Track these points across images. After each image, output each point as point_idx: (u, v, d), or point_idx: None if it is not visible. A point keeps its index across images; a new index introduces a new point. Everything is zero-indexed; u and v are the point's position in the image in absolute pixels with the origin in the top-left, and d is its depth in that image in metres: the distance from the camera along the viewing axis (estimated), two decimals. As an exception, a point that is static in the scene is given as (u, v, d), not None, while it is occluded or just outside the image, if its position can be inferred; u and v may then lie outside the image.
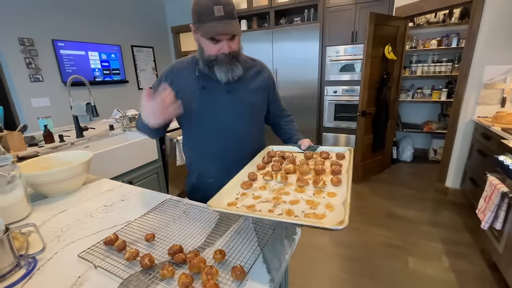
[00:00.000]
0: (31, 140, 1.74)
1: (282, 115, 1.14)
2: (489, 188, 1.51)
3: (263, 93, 1.03)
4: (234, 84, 0.94)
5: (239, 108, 0.97)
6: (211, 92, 0.93)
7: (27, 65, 3.04)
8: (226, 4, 0.79)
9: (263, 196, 0.71)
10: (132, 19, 4.24)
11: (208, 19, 0.79)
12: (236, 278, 0.55)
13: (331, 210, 0.61)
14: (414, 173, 3.17)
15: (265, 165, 0.91)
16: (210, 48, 0.85)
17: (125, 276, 0.57)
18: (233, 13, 0.82)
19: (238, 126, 0.98)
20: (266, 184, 0.78)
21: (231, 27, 0.81)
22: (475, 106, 2.24)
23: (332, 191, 0.70)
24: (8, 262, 0.59)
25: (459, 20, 3.03)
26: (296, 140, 1.02)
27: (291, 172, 0.82)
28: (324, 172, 0.79)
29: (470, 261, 1.72)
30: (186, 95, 0.92)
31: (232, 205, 0.69)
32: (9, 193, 0.82)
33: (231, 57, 0.87)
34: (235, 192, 0.74)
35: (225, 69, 0.87)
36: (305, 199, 0.68)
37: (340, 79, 3.43)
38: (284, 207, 0.64)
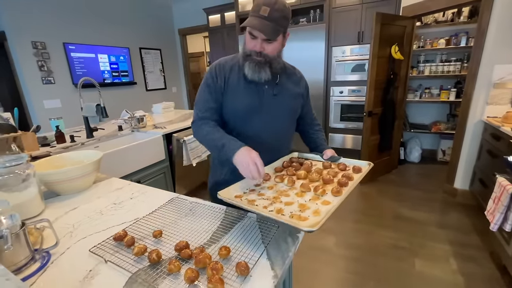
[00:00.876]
0: (44, 141, 1.80)
1: (312, 124, 1.19)
2: (498, 189, 1.48)
3: (301, 100, 1.09)
4: (279, 88, 1.00)
5: (282, 111, 1.02)
6: (258, 94, 0.97)
7: (39, 68, 3.14)
8: (275, 9, 0.83)
9: (266, 195, 0.78)
10: (140, 22, 4.32)
11: (253, 14, 0.85)
12: (240, 274, 0.56)
13: (316, 215, 0.65)
14: (422, 174, 3.12)
15: (282, 168, 0.97)
16: (248, 41, 0.90)
17: (133, 270, 0.60)
18: (277, 19, 0.84)
19: (279, 127, 1.03)
20: (274, 185, 0.85)
21: (266, 28, 0.83)
22: (485, 106, 2.20)
23: (328, 199, 0.73)
24: (24, 255, 0.62)
25: (468, 18, 2.98)
26: (321, 150, 1.07)
27: (302, 178, 0.87)
28: (332, 182, 0.82)
29: (479, 263, 1.69)
30: (237, 94, 0.96)
31: (238, 197, 0.77)
32: (24, 191, 0.86)
33: (263, 60, 0.90)
34: (246, 187, 0.83)
35: (253, 68, 0.90)
36: (300, 202, 0.73)
37: (346, 79, 3.42)
38: (277, 206, 0.71)
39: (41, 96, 3.21)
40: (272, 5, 0.82)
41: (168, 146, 2.20)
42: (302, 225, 0.59)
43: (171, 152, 2.22)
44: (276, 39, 0.88)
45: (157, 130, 2.18)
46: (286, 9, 0.86)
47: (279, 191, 0.80)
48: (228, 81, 0.96)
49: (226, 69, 0.97)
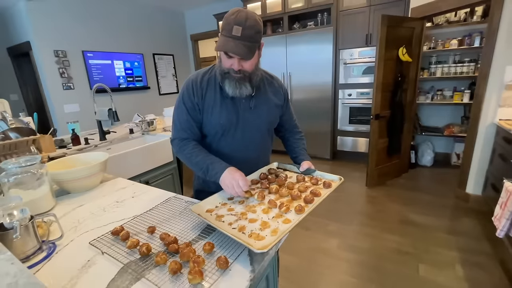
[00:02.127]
0: (61, 143, 1.94)
1: (293, 131, 1.20)
2: (505, 194, 1.43)
3: (279, 110, 1.10)
4: (256, 101, 1.00)
5: (260, 123, 1.03)
6: (234, 108, 0.98)
7: (60, 75, 3.35)
8: (247, 27, 0.81)
9: (235, 210, 0.83)
10: (154, 28, 4.51)
11: (226, 35, 0.83)
12: (220, 267, 0.61)
13: (273, 234, 0.69)
14: (433, 179, 3.03)
15: (259, 180, 1.01)
16: (224, 60, 0.90)
17: (125, 261, 0.66)
18: (252, 37, 0.83)
19: (257, 138, 1.06)
20: (245, 199, 0.88)
21: (240, 49, 0.82)
22: (497, 108, 2.13)
23: (289, 217, 0.76)
24: (32, 245, 0.70)
25: (481, 18, 2.88)
26: (300, 161, 1.09)
27: (273, 192, 0.91)
28: (299, 198, 0.86)
29: (487, 271, 1.63)
30: (214, 109, 0.97)
31: (210, 211, 0.82)
32: (37, 188, 0.95)
33: (243, 76, 0.90)
34: (218, 202, 0.88)
35: (234, 85, 0.91)
36: (263, 220, 0.76)
37: (354, 82, 3.40)
38: (241, 223, 0.75)
39: (62, 101, 3.42)
40: (243, 23, 0.81)
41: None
42: (255, 246, 0.63)
43: (179, 154, 2.30)
44: (250, 58, 0.87)
45: (165, 133, 2.27)
46: (257, 24, 0.84)
47: (248, 206, 0.84)
48: (205, 97, 0.96)
49: (203, 84, 0.96)
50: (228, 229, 0.72)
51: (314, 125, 3.71)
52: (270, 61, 3.81)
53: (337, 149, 3.76)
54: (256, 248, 0.62)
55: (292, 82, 3.75)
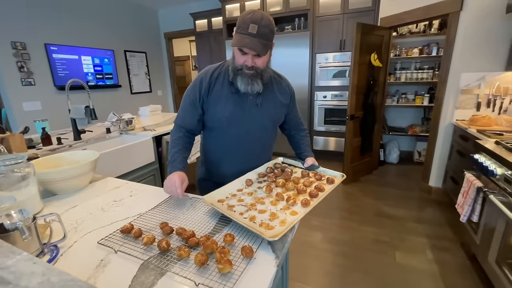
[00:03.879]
0: (29, 143, 1.76)
1: (298, 129, 1.25)
2: (466, 184, 1.64)
3: (285, 108, 1.14)
4: (263, 98, 1.04)
5: (265, 120, 1.07)
6: (242, 103, 1.02)
7: (19, 69, 3.03)
8: (263, 26, 0.86)
9: (245, 201, 0.86)
10: (125, 24, 4.28)
11: (242, 32, 0.88)
12: (246, 256, 0.62)
13: (282, 225, 0.73)
14: (400, 174, 3.32)
15: (265, 174, 1.05)
16: (238, 57, 0.94)
17: (144, 258, 0.64)
18: (267, 36, 0.89)
19: (262, 134, 1.10)
20: (254, 191, 0.92)
21: (256, 45, 0.87)
22: (454, 110, 2.42)
23: (296, 210, 0.80)
24: (34, 248, 0.65)
25: (438, 30, 3.25)
26: (304, 157, 1.15)
27: (280, 186, 0.95)
28: (304, 192, 0.90)
29: (451, 253, 1.84)
30: (220, 102, 1.01)
31: (221, 201, 0.85)
32: (23, 189, 0.86)
33: (255, 73, 0.95)
34: (228, 192, 0.91)
35: (246, 81, 0.95)
36: (272, 211, 0.80)
37: (329, 84, 3.58)
38: (252, 214, 0.78)
39: (20, 98, 3.09)
40: (259, 22, 0.86)
41: (157, 149, 2.21)
42: (266, 234, 0.67)
43: (161, 154, 2.23)
44: (265, 54, 0.93)
45: (146, 132, 2.18)
46: (271, 24, 0.90)
47: (257, 198, 0.88)
48: (212, 89, 1.01)
49: (212, 79, 1.01)
50: (240, 218, 0.75)
51: (292, 126, 3.82)
52: (249, 62, 3.85)
53: (313, 148, 3.92)
54: (268, 236, 0.66)
55: (271, 83, 3.83)
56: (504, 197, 1.34)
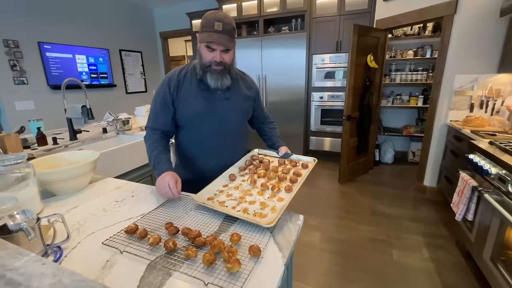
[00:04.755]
0: (24, 143, 1.72)
1: (266, 122, 1.34)
2: (461, 183, 1.68)
3: (252, 102, 1.21)
4: (231, 92, 1.10)
5: (235, 113, 1.13)
6: (211, 98, 1.06)
7: (11, 67, 2.96)
8: (227, 23, 0.93)
9: (234, 195, 0.90)
10: (120, 23, 4.24)
11: (208, 30, 0.93)
12: (253, 255, 0.62)
13: (273, 211, 0.79)
14: (395, 174, 3.37)
15: (246, 167, 1.10)
16: (206, 54, 0.98)
17: (151, 258, 0.63)
18: (231, 32, 0.95)
19: (233, 127, 1.15)
20: (240, 185, 0.97)
21: (224, 40, 0.94)
22: (448, 111, 2.47)
23: (282, 196, 0.87)
24: (38, 249, 0.63)
25: (432, 33, 3.31)
26: (277, 147, 1.24)
27: (262, 176, 1.01)
28: (285, 179, 0.98)
29: (447, 251, 1.88)
30: (190, 99, 1.05)
31: (210, 199, 0.88)
32: (23, 190, 0.85)
33: (223, 68, 1.00)
34: (215, 189, 0.94)
35: (216, 77, 1.00)
36: (261, 201, 0.86)
37: (325, 85, 3.61)
38: (243, 206, 0.83)
39: (12, 97, 3.02)
40: (223, 19, 0.92)
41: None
42: (263, 222, 0.72)
43: (159, 154, 2.21)
44: (232, 48, 0.99)
45: (143, 132, 2.15)
46: (233, 22, 0.97)
47: (244, 190, 0.92)
48: (181, 89, 1.04)
49: (180, 77, 1.05)
50: (233, 212, 0.79)
51: (288, 127, 3.85)
52: (246, 63, 3.86)
53: (309, 148, 3.94)
54: (265, 223, 0.71)
55: (268, 84, 3.85)
56: (499, 196, 1.38)
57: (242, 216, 0.75)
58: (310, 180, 3.22)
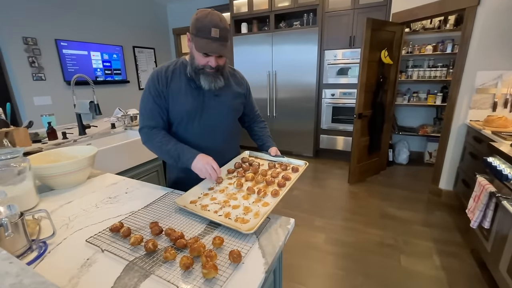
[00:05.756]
0: (35, 137, 1.79)
1: (256, 121, 1.31)
2: (478, 188, 1.56)
3: (242, 98, 1.18)
4: (220, 90, 1.06)
5: (225, 109, 1.10)
6: (201, 95, 1.04)
7: (30, 64, 3.09)
8: (223, 29, 0.90)
9: (218, 199, 0.87)
10: (134, 20, 4.30)
11: (204, 37, 0.89)
12: (233, 261, 0.60)
13: (256, 217, 0.75)
14: (409, 175, 3.22)
15: (234, 170, 1.07)
16: (200, 59, 0.95)
17: (130, 258, 0.62)
18: (227, 37, 0.92)
19: (223, 124, 1.12)
20: (226, 188, 0.94)
21: (223, 49, 0.92)
22: (468, 110, 2.31)
23: (267, 201, 0.83)
24: (21, 245, 0.64)
25: (454, 26, 3.10)
26: (267, 147, 1.20)
27: (250, 179, 0.97)
28: (273, 183, 0.93)
29: (460, 260, 1.77)
30: (179, 97, 1.02)
31: (193, 202, 0.85)
32: (19, 184, 0.87)
33: (216, 71, 0.98)
34: (200, 192, 0.91)
35: (209, 80, 0.98)
36: (245, 205, 0.82)
37: (337, 82, 3.50)
38: (226, 210, 0.80)
39: (31, 93, 3.15)
40: (218, 25, 0.88)
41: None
42: (243, 228, 0.69)
43: (164, 150, 2.22)
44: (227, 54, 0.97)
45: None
46: (227, 23, 0.93)
47: (229, 194, 0.89)
48: (170, 85, 1.01)
49: (168, 74, 1.01)
50: (215, 216, 0.76)
51: (298, 124, 3.77)
52: (256, 59, 3.81)
53: (320, 147, 3.85)
54: (244, 230, 0.68)
55: (278, 81, 3.78)
56: (519, 204, 1.27)
57: (222, 221, 0.72)
58: (318, 180, 3.15)
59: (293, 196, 2.75)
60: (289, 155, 1.24)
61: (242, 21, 3.88)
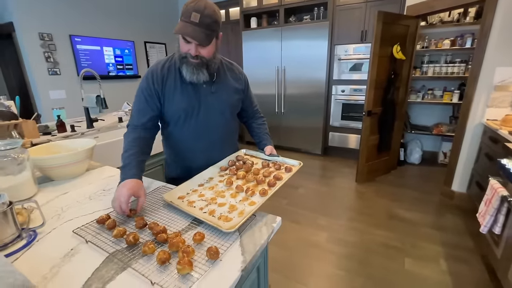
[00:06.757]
0: (45, 129, 1.86)
1: (255, 117, 1.27)
2: (490, 191, 1.47)
3: (240, 94, 1.14)
4: (217, 86, 1.04)
5: (222, 107, 1.06)
6: (197, 93, 1.00)
7: (46, 59, 3.20)
8: (206, 16, 0.84)
9: (206, 196, 0.86)
10: (146, 15, 4.36)
11: (184, 20, 0.85)
12: (210, 258, 0.59)
13: (240, 215, 0.74)
14: (421, 176, 3.10)
15: (227, 167, 1.05)
16: (182, 45, 0.91)
17: (111, 251, 0.63)
18: (209, 25, 0.85)
19: (221, 122, 1.08)
20: (215, 185, 0.93)
21: (198, 34, 0.85)
22: (485, 108, 2.17)
23: (255, 200, 0.81)
24: (10, 233, 0.66)
25: (474, 19, 2.92)
26: (263, 145, 1.17)
27: (241, 178, 0.96)
28: (263, 182, 0.91)
29: (469, 265, 1.69)
30: (175, 95, 0.99)
31: (181, 198, 0.85)
32: (18, 174, 0.90)
33: (200, 62, 0.91)
34: (189, 188, 0.91)
35: (191, 70, 0.93)
36: (231, 203, 0.81)
37: (348, 78, 3.40)
38: (211, 208, 0.79)
39: (47, 87, 3.28)
40: (202, 11, 0.83)
41: (166, 139, 2.23)
42: (224, 226, 0.68)
43: (169, 145, 2.25)
44: (207, 45, 0.89)
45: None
46: (215, 14, 0.87)
47: (218, 191, 0.88)
48: (165, 84, 0.97)
49: (164, 72, 0.97)
50: (199, 213, 0.75)
51: (307, 121, 3.71)
52: (265, 54, 3.76)
53: (329, 144, 3.78)
54: (225, 228, 0.67)
55: (286, 77, 3.73)
56: (532, 209, 1.18)
57: (204, 218, 0.72)
58: (326, 178, 3.10)
59: (299, 194, 2.72)
60: (297, 152, 1.21)
61: (252, 16, 3.84)
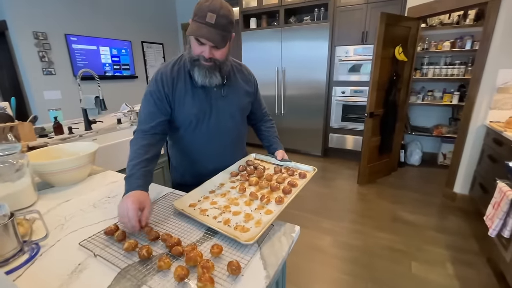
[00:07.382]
0: (41, 131, 1.79)
1: (264, 120, 1.23)
2: (498, 194, 1.46)
3: (250, 96, 1.10)
4: (228, 89, 1.00)
5: (233, 110, 1.03)
6: (207, 96, 0.97)
7: (40, 59, 3.12)
8: (221, 16, 0.80)
9: (218, 203, 0.81)
10: (143, 15, 4.29)
11: (199, 21, 0.80)
12: (231, 273, 0.55)
13: (257, 226, 0.69)
14: (421, 177, 3.10)
15: (238, 173, 1.01)
16: (195, 47, 0.86)
17: (123, 265, 0.58)
18: (225, 27, 0.82)
19: (232, 126, 1.05)
20: (227, 192, 0.88)
21: (214, 36, 0.81)
22: (488, 110, 2.18)
23: (271, 208, 0.77)
24: (11, 247, 0.61)
25: (474, 21, 2.94)
26: (274, 149, 1.13)
27: (253, 184, 0.91)
28: (278, 189, 0.87)
29: (476, 269, 1.67)
30: (186, 99, 0.94)
31: (192, 206, 0.81)
32: (16, 181, 0.84)
33: (213, 65, 0.87)
34: (200, 195, 0.86)
35: (203, 74, 0.88)
36: (246, 212, 0.76)
37: (348, 79, 3.39)
38: (226, 216, 0.75)
39: (41, 87, 3.19)
40: (217, 11, 0.79)
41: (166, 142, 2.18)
42: (242, 238, 0.64)
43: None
44: (223, 47, 0.86)
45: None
46: (230, 14, 0.83)
47: (230, 199, 0.84)
48: (176, 88, 0.93)
49: (173, 75, 0.93)
50: (213, 222, 0.71)
51: (307, 122, 3.69)
52: (264, 55, 3.73)
53: (329, 146, 3.76)
54: (243, 240, 0.63)
55: (286, 78, 3.70)
56: (544, 213, 1.17)
57: (220, 229, 0.67)
58: (327, 180, 3.08)
59: (300, 196, 2.65)
60: (297, 154, 1.18)
61: (251, 16, 3.80)
